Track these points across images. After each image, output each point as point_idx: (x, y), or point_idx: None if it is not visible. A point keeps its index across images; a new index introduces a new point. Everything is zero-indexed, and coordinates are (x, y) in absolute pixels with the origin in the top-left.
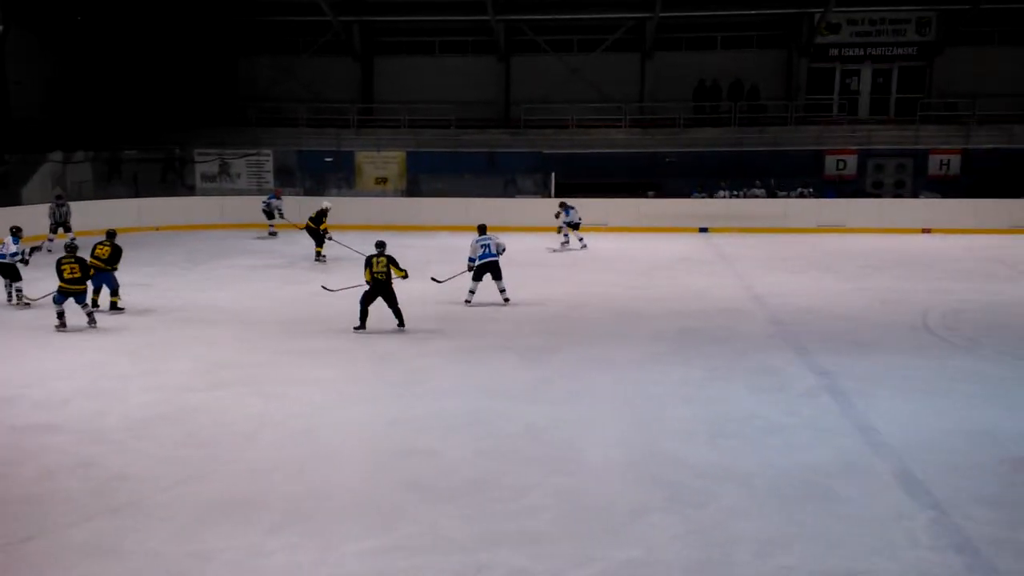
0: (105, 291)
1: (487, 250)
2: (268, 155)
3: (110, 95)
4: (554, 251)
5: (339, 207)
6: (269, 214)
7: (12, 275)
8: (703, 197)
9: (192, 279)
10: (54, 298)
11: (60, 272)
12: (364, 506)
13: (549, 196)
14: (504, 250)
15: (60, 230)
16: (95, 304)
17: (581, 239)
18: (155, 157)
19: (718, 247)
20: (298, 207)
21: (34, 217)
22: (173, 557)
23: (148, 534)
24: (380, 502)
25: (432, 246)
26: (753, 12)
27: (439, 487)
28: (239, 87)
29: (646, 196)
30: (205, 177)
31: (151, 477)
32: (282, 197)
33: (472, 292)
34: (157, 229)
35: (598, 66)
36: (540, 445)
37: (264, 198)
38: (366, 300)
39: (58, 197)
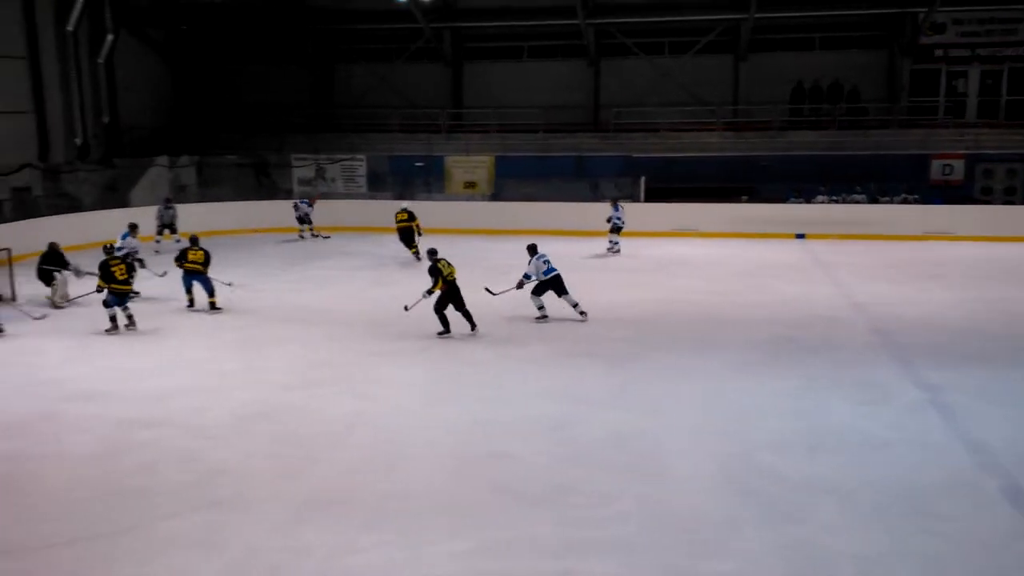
0: (201, 292)
1: (550, 265)
2: (361, 160)
3: (213, 101)
4: (604, 255)
5: (428, 211)
6: (301, 219)
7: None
8: (800, 202)
9: (287, 280)
10: (105, 301)
11: (110, 274)
12: (452, 507)
13: (639, 200)
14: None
15: (166, 231)
16: (191, 304)
17: (615, 243)
18: (255, 162)
19: (816, 254)
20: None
21: (140, 219)
22: (270, 551)
23: (246, 528)
24: (467, 504)
25: (517, 250)
26: (853, 12)
27: (525, 491)
28: (335, 94)
29: (740, 201)
30: (301, 181)
31: (249, 472)
32: (315, 205)
33: (542, 307)
34: (255, 231)
35: (690, 69)
36: (625, 453)
37: (295, 202)
38: (442, 306)
39: (166, 200)
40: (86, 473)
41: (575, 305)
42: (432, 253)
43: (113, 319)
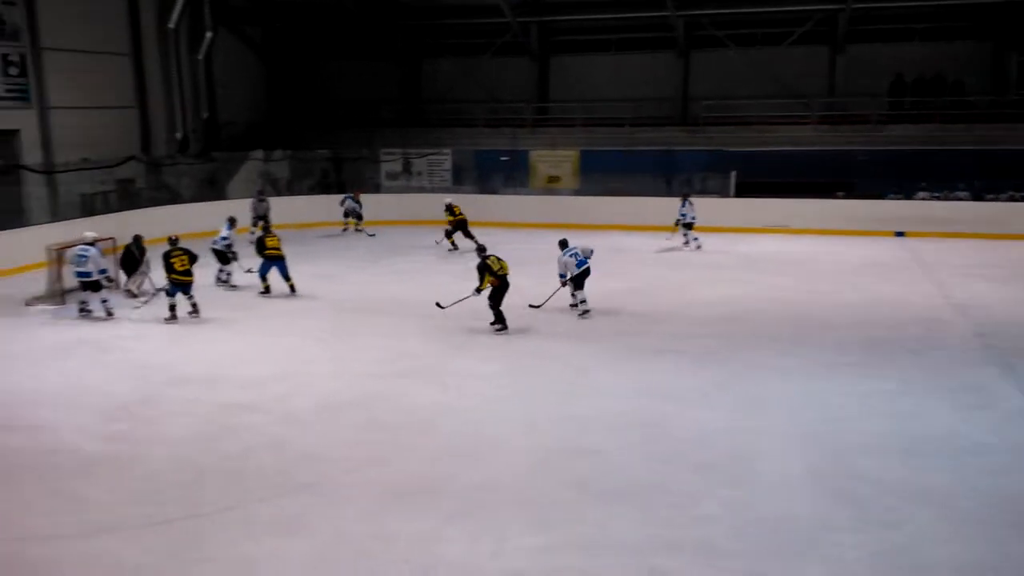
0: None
1: (579, 258)
2: (447, 154)
3: (306, 97)
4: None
5: (512, 205)
6: (347, 213)
7: (222, 260)
8: (899, 199)
9: (376, 272)
10: (166, 291)
11: (170, 265)
12: (535, 501)
13: (728, 196)
14: (592, 252)
15: (260, 223)
16: (267, 291)
17: (694, 239)
18: (345, 156)
19: (916, 252)
20: (474, 204)
21: (236, 211)
22: (357, 537)
23: (334, 513)
24: (550, 498)
25: (603, 246)
26: (956, 2)
27: (608, 488)
28: (422, 89)
29: (835, 197)
30: (389, 175)
31: (337, 459)
32: (360, 200)
33: (584, 301)
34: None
35: (784, 60)
36: (712, 452)
37: (342, 197)
38: (496, 301)
39: (259, 192)
40: (185, 455)
41: (582, 301)
42: (481, 250)
43: (172, 308)
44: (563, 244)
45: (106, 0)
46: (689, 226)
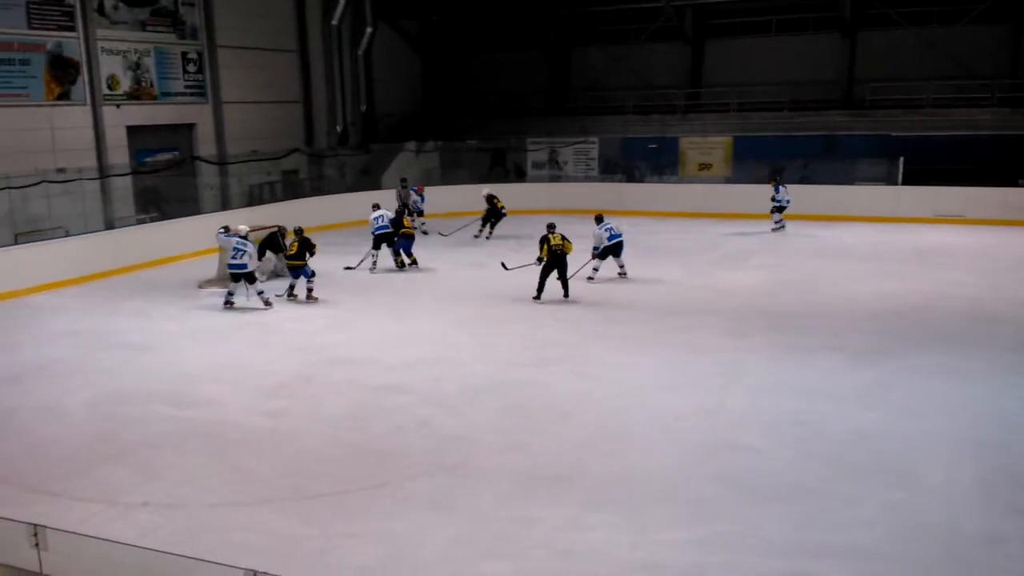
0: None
1: (612, 232)
2: (594, 143)
3: (458, 89)
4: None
5: (660, 193)
6: (410, 211)
7: (376, 245)
8: None
9: (522, 260)
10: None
11: (285, 249)
12: (678, 495)
13: (896, 184)
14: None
15: (404, 211)
16: (402, 265)
17: (779, 222)
18: (492, 147)
19: None
20: (620, 193)
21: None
22: (498, 520)
23: (477, 495)
24: (695, 493)
25: (756, 235)
26: None
27: (758, 486)
28: (571, 78)
29: (1016, 185)
30: (536, 165)
31: (481, 441)
32: (424, 192)
33: (596, 270)
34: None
35: (960, 39)
36: (871, 455)
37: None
38: (545, 273)
39: (402, 180)
40: (338, 433)
41: (622, 266)
42: (549, 227)
43: (290, 288)
44: (599, 219)
45: (276, 0)
46: (781, 209)
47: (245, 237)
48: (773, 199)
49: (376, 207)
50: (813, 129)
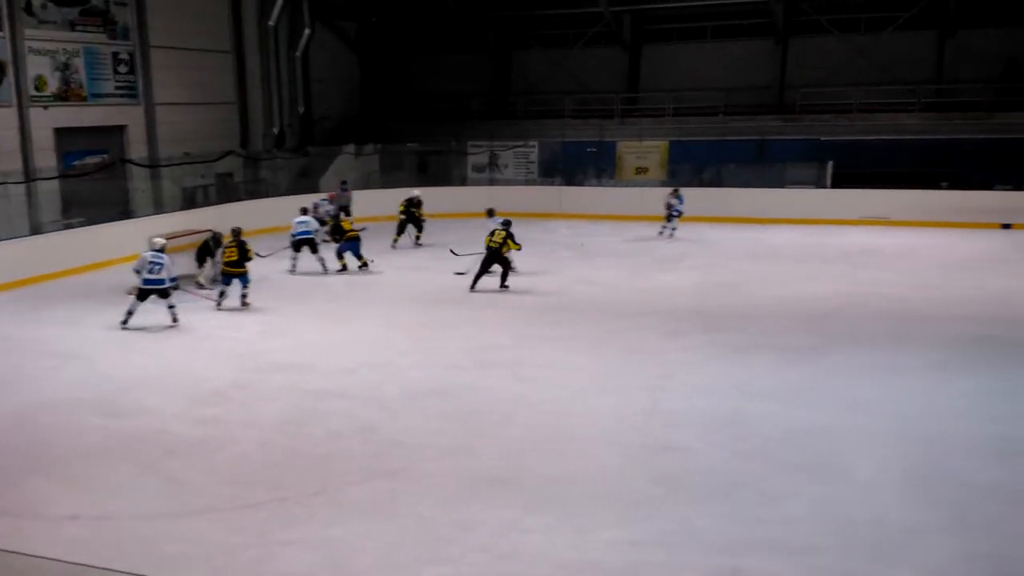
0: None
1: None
2: (534, 146)
3: (397, 91)
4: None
5: (598, 197)
6: (321, 221)
7: (313, 249)
8: (1008, 189)
9: (463, 264)
10: (222, 280)
11: (221, 255)
12: (616, 495)
13: (825, 187)
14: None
15: (342, 214)
16: (344, 268)
17: (672, 228)
18: (432, 150)
19: None
20: (559, 196)
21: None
22: (439, 524)
23: (418, 499)
24: (632, 494)
25: (689, 238)
26: None
27: (694, 485)
28: (511, 82)
29: (939, 187)
30: (475, 168)
31: (421, 446)
32: (335, 201)
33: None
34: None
35: (888, 46)
36: (803, 452)
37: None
38: (483, 268)
39: (342, 183)
40: (275, 440)
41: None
42: (489, 212)
43: (220, 294)
44: (490, 212)
45: (211, 0)
46: (672, 217)
47: (161, 250)
48: (672, 207)
49: (304, 211)
50: (746, 134)
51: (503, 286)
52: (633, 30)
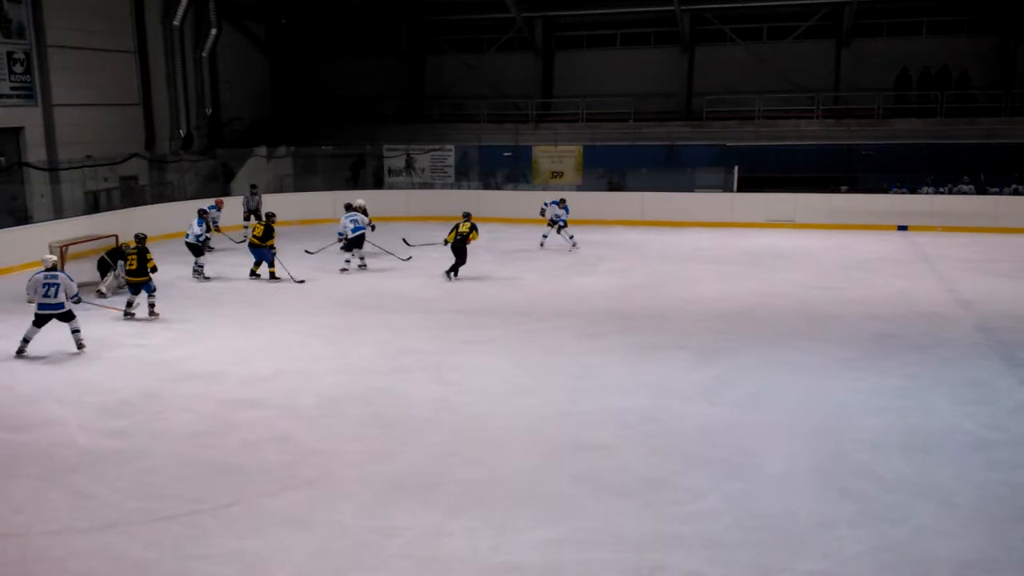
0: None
1: (356, 223)
2: (450, 150)
3: (309, 94)
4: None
5: (515, 200)
6: (258, 217)
7: (196, 253)
8: (903, 193)
9: (379, 268)
10: (129, 289)
11: (123, 264)
12: (537, 496)
13: (732, 190)
14: (369, 222)
15: (252, 219)
16: (255, 275)
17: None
18: (348, 152)
19: (919, 247)
20: (476, 199)
21: (234, 205)
22: (359, 531)
23: (336, 507)
24: (553, 493)
25: (605, 241)
26: None
27: (612, 483)
28: (426, 85)
29: (839, 191)
30: (392, 171)
31: (340, 453)
32: (223, 208)
33: (348, 262)
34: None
35: (789, 55)
36: (716, 448)
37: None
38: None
39: (252, 187)
40: (188, 451)
41: (362, 258)
42: (466, 216)
43: (128, 304)
44: (348, 207)
45: None
46: (556, 225)
47: (53, 268)
48: (558, 218)
49: (202, 212)
50: (656, 139)
51: (454, 275)
52: (545, 36)
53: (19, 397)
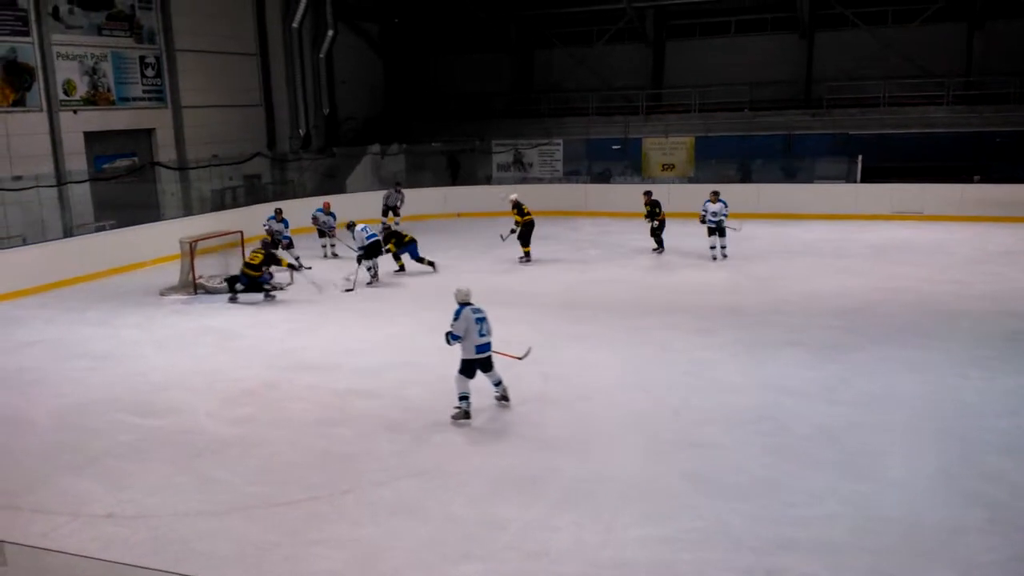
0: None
1: (369, 233)
2: (559, 144)
3: (421, 91)
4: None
5: (624, 194)
6: (321, 232)
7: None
8: None
9: (487, 262)
10: (239, 279)
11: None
12: (647, 493)
13: (855, 181)
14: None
15: (390, 214)
16: (402, 268)
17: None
18: (459, 149)
19: None
20: (585, 195)
21: (356, 203)
22: (469, 522)
23: (447, 498)
24: (662, 491)
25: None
26: None
27: (725, 483)
28: (534, 80)
29: (971, 181)
30: (500, 167)
31: (450, 444)
32: (332, 211)
33: (371, 270)
34: (459, 215)
35: (916, 39)
36: (835, 449)
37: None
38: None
39: (396, 184)
40: (306, 439)
41: (370, 268)
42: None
43: (235, 293)
44: (351, 225)
45: (235, 2)
46: (719, 231)
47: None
48: (717, 214)
49: (278, 212)
50: (773, 129)
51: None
52: (656, 26)
53: (152, 385)
